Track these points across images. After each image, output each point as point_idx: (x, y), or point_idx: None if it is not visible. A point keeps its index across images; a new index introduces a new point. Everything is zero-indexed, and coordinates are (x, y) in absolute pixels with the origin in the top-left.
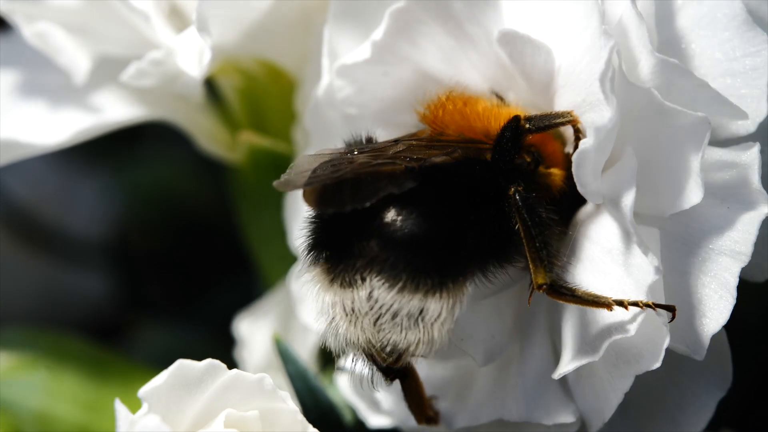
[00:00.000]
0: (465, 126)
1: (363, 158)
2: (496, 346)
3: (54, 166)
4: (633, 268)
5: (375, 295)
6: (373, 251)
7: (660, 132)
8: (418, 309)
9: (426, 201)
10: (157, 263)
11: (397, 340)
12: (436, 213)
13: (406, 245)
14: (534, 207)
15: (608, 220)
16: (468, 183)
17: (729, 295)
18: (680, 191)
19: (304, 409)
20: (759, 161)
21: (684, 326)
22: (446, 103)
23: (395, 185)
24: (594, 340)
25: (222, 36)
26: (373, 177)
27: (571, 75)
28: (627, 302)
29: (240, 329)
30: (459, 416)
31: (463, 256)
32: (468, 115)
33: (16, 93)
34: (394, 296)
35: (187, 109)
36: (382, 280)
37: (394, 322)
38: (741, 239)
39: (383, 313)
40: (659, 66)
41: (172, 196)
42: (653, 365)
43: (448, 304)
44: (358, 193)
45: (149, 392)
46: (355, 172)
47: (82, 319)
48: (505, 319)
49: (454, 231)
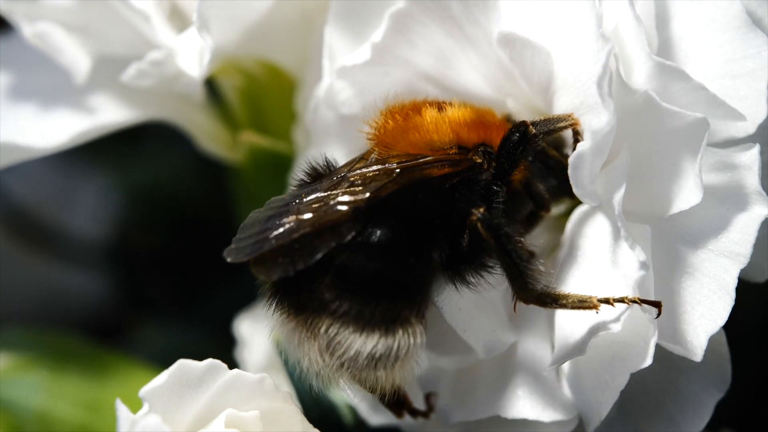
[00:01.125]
0: (406, 143)
1: (307, 209)
2: (497, 339)
3: (54, 167)
4: (621, 264)
5: (333, 344)
6: (324, 301)
7: (658, 133)
8: (378, 353)
9: (374, 241)
10: (157, 263)
11: (366, 377)
12: (384, 252)
13: (354, 292)
14: (500, 226)
15: (601, 217)
16: (416, 211)
17: (728, 296)
18: (679, 192)
19: (305, 409)
20: (759, 163)
21: (682, 327)
22: (386, 120)
23: (337, 238)
24: (580, 337)
25: (222, 36)
26: (317, 231)
27: (570, 77)
28: (612, 299)
29: (240, 329)
30: (456, 412)
31: (415, 292)
32: (408, 130)
33: (15, 95)
34: (351, 342)
35: (187, 109)
36: (335, 329)
37: (358, 366)
38: (740, 240)
39: (346, 360)
40: (656, 69)
41: (172, 196)
42: (644, 363)
43: (406, 341)
44: (301, 253)
45: (150, 392)
46: (299, 231)
47: (82, 319)
48: (506, 313)
49: (401, 272)
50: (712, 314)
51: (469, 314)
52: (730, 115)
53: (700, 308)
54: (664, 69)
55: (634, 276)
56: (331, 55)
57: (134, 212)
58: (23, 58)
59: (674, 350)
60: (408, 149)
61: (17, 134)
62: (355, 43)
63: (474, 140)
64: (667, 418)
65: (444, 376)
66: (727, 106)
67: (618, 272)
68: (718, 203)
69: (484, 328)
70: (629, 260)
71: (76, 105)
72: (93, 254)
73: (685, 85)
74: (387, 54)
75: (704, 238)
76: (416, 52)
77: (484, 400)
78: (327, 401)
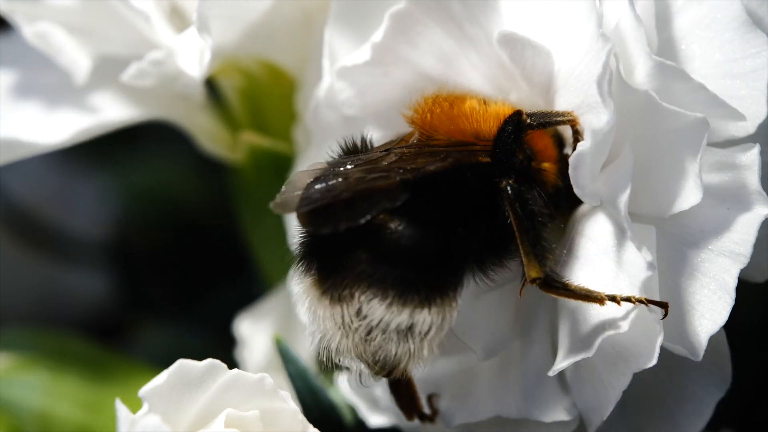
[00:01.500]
0: (454, 129)
1: (356, 173)
2: (497, 341)
3: (54, 166)
4: (627, 264)
5: (364, 310)
6: (361, 266)
7: (658, 133)
8: (407, 324)
9: (416, 213)
10: (157, 263)
11: (388, 354)
12: (426, 226)
13: (394, 260)
14: (527, 200)
15: (603, 217)
16: (460, 190)
17: (728, 296)
18: (679, 192)
19: (305, 409)
20: (759, 162)
21: (682, 327)
22: (433, 106)
23: (389, 200)
24: (587, 336)
25: (222, 36)
26: (367, 193)
27: (570, 77)
28: (620, 298)
29: (241, 329)
30: (458, 414)
31: (451, 271)
32: (455, 117)
33: (16, 93)
34: (383, 311)
35: (187, 109)
36: (370, 295)
37: (384, 337)
38: (740, 240)
39: (373, 328)
40: (656, 69)
41: (172, 196)
42: (648, 363)
43: (437, 319)
44: (352, 211)
45: (150, 392)
46: (350, 190)
47: (82, 319)
48: (505, 315)
49: (443, 245)
50: (713, 314)
51: (468, 317)
52: (731, 115)
53: (701, 308)
54: (665, 69)
55: (641, 276)
56: (331, 54)
57: (134, 212)
58: (24, 58)
59: (674, 350)
60: (454, 135)
61: (20, 130)
62: (355, 43)
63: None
64: (668, 417)
65: (444, 377)
66: (728, 106)
67: (623, 273)
68: (718, 203)
69: (483, 330)
70: (635, 261)
71: (78, 103)
72: (93, 254)
73: (685, 85)
74: (387, 54)
75: (704, 238)
76: (417, 52)
77: (485, 401)
78: (327, 401)
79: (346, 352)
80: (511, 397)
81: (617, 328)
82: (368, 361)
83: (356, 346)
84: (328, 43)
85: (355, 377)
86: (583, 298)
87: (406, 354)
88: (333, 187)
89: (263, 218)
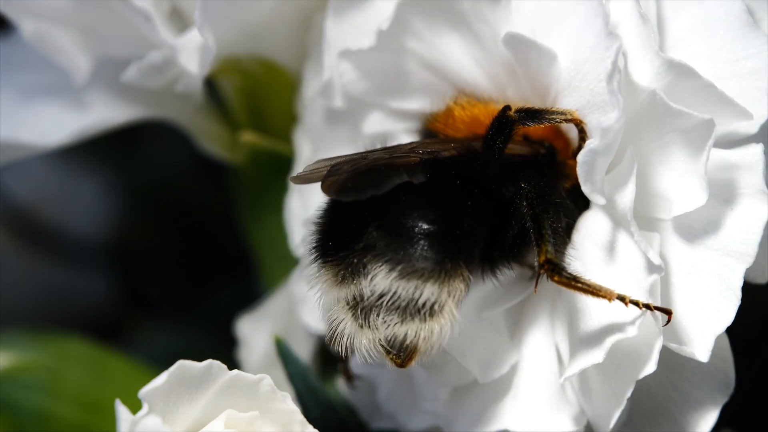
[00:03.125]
0: (476, 125)
1: (379, 153)
2: (497, 361)
3: (54, 166)
4: (633, 268)
5: (374, 281)
6: (372, 237)
7: (664, 133)
8: (416, 295)
9: (427, 191)
10: (157, 263)
11: (398, 332)
12: (435, 202)
13: (402, 230)
14: (546, 193)
15: (608, 221)
16: (471, 176)
17: (733, 295)
18: (684, 193)
19: (305, 409)
20: (763, 161)
21: (688, 327)
22: (454, 107)
23: (411, 175)
24: (596, 342)
25: (223, 36)
26: (389, 167)
27: (576, 77)
28: (628, 299)
29: (241, 330)
30: (458, 422)
31: (461, 244)
32: (477, 115)
33: (16, 93)
34: (391, 282)
35: (187, 109)
36: (380, 264)
37: (394, 311)
38: (745, 240)
39: (383, 302)
40: (664, 66)
41: (172, 196)
42: (649, 369)
43: (446, 292)
44: (375, 180)
45: (149, 393)
46: (374, 162)
47: (82, 319)
48: (507, 333)
49: (451, 218)
50: (719, 314)
51: (468, 338)
52: (737, 114)
53: (706, 308)
54: (673, 67)
55: (648, 281)
56: (331, 49)
57: (134, 212)
58: (24, 58)
59: (680, 351)
60: (476, 131)
61: (19, 131)
62: (355, 38)
63: (539, 135)
64: (672, 423)
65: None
66: (735, 105)
67: (630, 277)
68: (722, 203)
69: (483, 351)
70: (641, 265)
71: (77, 103)
72: (93, 254)
73: (693, 84)
74: (392, 42)
75: (708, 237)
76: (422, 42)
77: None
78: (327, 401)
79: (358, 340)
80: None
81: (625, 332)
82: (381, 346)
83: (369, 329)
84: (328, 38)
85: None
86: (592, 292)
87: (415, 332)
88: (357, 162)
89: (263, 218)
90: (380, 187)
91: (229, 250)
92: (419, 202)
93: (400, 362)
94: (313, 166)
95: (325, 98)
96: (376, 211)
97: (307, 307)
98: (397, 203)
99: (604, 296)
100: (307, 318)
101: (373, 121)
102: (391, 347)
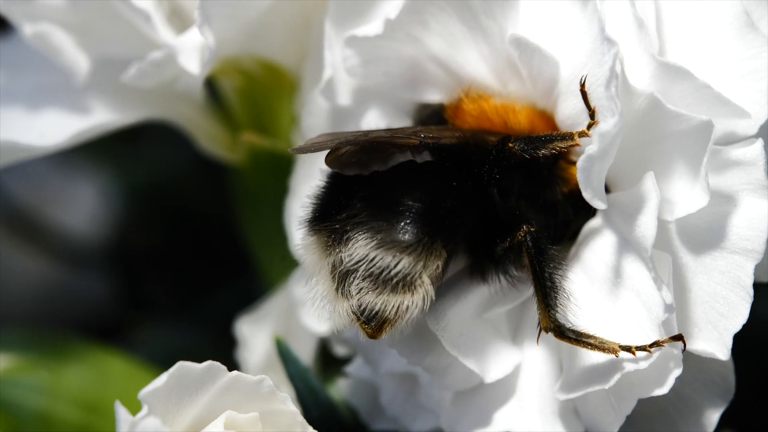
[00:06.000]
0: (483, 119)
1: (381, 133)
2: (501, 362)
3: (54, 166)
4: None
5: (354, 247)
6: (357, 208)
7: (663, 136)
8: (391, 265)
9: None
10: (157, 263)
11: (370, 300)
12: (423, 180)
13: (387, 203)
14: (545, 247)
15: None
16: (465, 164)
17: (745, 293)
18: (686, 195)
19: (305, 410)
20: (764, 157)
21: (704, 327)
22: (464, 99)
23: (414, 153)
24: (605, 369)
25: (223, 35)
26: (394, 146)
27: (574, 81)
28: (634, 348)
29: (241, 330)
30: (461, 423)
31: (442, 224)
32: (486, 109)
33: (16, 94)
34: (369, 250)
35: (187, 109)
36: (362, 232)
37: (368, 278)
38: (752, 236)
39: (359, 267)
40: (660, 70)
41: (172, 196)
42: (659, 392)
43: (422, 266)
44: (380, 157)
45: (149, 394)
46: (377, 139)
47: (82, 319)
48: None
49: (435, 197)
50: (733, 312)
51: (471, 339)
52: (735, 113)
53: (720, 307)
54: (669, 69)
55: (662, 317)
56: (331, 47)
57: (134, 212)
58: (24, 59)
59: (699, 352)
60: (484, 125)
61: (17, 133)
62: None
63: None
64: (672, 427)
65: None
66: (732, 104)
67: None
68: (725, 201)
69: (487, 351)
70: (656, 301)
71: (76, 105)
72: (93, 254)
73: (690, 85)
74: (399, 31)
75: (715, 236)
76: (428, 33)
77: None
78: (327, 402)
79: (332, 303)
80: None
81: (637, 364)
82: (356, 314)
83: (345, 298)
84: (329, 36)
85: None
86: (596, 348)
87: (391, 304)
88: (360, 139)
89: (263, 218)
90: (385, 163)
91: (229, 251)
92: (407, 180)
93: (371, 332)
94: (315, 139)
95: (325, 97)
96: (364, 186)
97: (307, 308)
98: (385, 179)
99: (610, 352)
100: (308, 319)
101: (372, 120)
102: (362, 316)
